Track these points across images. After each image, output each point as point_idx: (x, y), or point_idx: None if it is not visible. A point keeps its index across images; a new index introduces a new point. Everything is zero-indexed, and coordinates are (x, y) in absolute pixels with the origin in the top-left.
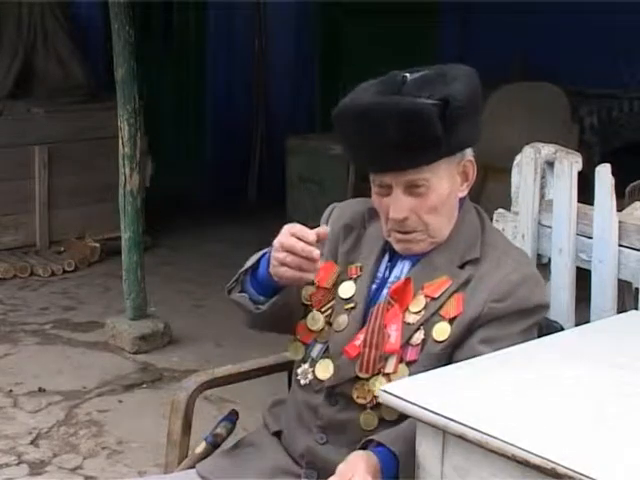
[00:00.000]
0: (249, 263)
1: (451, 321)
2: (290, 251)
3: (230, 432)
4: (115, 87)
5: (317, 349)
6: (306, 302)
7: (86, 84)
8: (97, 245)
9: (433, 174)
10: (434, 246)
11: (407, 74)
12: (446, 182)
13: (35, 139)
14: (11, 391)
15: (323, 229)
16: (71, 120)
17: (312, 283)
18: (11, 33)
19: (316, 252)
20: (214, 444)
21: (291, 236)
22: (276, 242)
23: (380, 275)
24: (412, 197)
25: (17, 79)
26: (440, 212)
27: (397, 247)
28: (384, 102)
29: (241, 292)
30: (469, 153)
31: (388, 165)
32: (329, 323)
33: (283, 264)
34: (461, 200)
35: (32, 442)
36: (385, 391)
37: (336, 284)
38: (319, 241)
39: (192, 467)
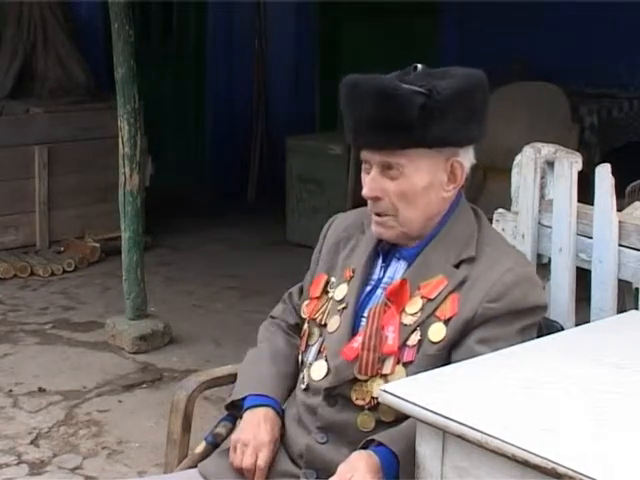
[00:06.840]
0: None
1: (446, 322)
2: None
3: (230, 432)
4: (115, 87)
5: (312, 353)
6: (303, 315)
7: (86, 84)
8: (97, 245)
9: (409, 162)
10: (404, 238)
11: (419, 65)
12: (424, 175)
13: (35, 139)
14: (11, 391)
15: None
16: (71, 120)
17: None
18: (11, 33)
19: None
20: (214, 444)
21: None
22: (238, 441)
23: (375, 277)
24: (386, 179)
25: (17, 79)
26: (413, 203)
27: (373, 230)
28: (371, 79)
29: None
30: (464, 155)
31: (364, 141)
32: (322, 325)
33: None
34: (455, 200)
35: (32, 442)
36: (385, 391)
37: (327, 291)
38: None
39: (192, 467)
